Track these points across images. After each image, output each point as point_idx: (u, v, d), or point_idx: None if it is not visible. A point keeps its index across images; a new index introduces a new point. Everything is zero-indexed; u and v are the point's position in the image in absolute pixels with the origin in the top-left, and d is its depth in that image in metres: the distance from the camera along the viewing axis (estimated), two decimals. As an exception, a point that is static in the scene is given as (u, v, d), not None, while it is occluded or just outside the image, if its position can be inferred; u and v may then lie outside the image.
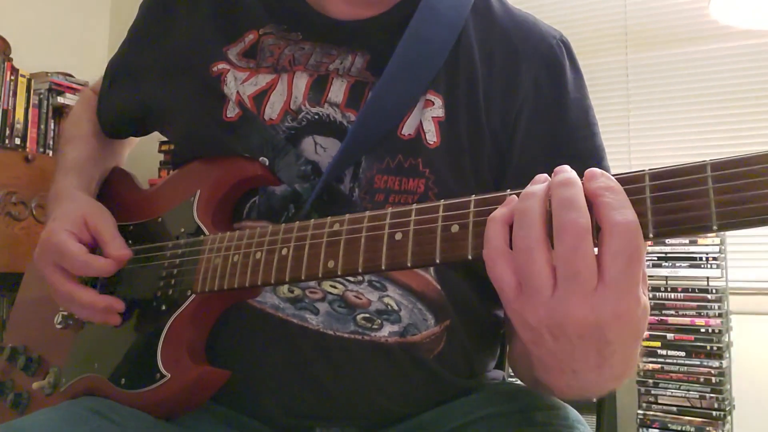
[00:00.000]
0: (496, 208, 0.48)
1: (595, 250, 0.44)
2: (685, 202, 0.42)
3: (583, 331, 0.44)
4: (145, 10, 0.87)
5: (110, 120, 0.91)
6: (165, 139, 2.07)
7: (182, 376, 0.65)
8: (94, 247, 0.75)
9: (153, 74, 0.83)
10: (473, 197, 0.51)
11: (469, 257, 0.49)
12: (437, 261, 0.51)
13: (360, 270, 0.55)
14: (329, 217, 0.58)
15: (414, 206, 0.53)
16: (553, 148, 0.74)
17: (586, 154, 0.74)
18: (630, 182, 0.44)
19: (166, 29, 0.83)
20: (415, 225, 0.52)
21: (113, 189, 0.89)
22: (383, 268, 0.53)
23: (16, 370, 0.84)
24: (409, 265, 0.52)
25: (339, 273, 0.56)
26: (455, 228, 0.50)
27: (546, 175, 0.47)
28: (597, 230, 0.43)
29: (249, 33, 0.78)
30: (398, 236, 0.53)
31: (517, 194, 0.48)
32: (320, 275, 0.57)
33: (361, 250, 0.55)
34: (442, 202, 0.52)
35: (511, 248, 0.45)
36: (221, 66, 0.76)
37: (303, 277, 0.59)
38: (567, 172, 0.46)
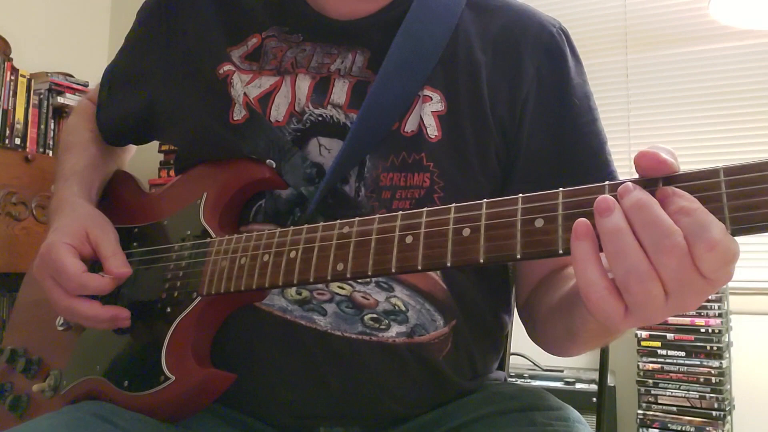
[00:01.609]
0: (506, 211, 0.48)
1: None
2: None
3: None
4: (146, 16, 0.87)
5: (111, 127, 0.91)
6: (165, 139, 2.07)
7: (187, 378, 0.65)
8: (95, 260, 0.74)
9: (156, 78, 0.83)
10: (485, 200, 0.50)
11: (481, 261, 0.49)
12: (448, 264, 0.50)
13: (370, 273, 0.54)
14: (338, 220, 0.58)
15: (425, 209, 0.53)
16: (559, 135, 0.74)
17: (590, 138, 0.75)
18: (644, 187, 0.44)
19: (169, 33, 0.83)
20: (426, 228, 0.52)
21: (117, 192, 0.89)
22: (393, 270, 0.53)
23: (16, 372, 0.84)
24: (419, 268, 0.52)
25: (348, 276, 0.56)
26: (467, 231, 0.50)
27: (607, 197, 0.45)
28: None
29: (252, 36, 0.78)
30: (409, 239, 0.53)
31: (528, 198, 0.48)
32: (329, 278, 0.57)
33: (371, 253, 0.54)
34: (453, 205, 0.52)
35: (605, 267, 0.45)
36: (227, 68, 0.77)
37: (312, 280, 0.58)
38: (633, 192, 0.44)
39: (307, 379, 0.68)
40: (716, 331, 2.01)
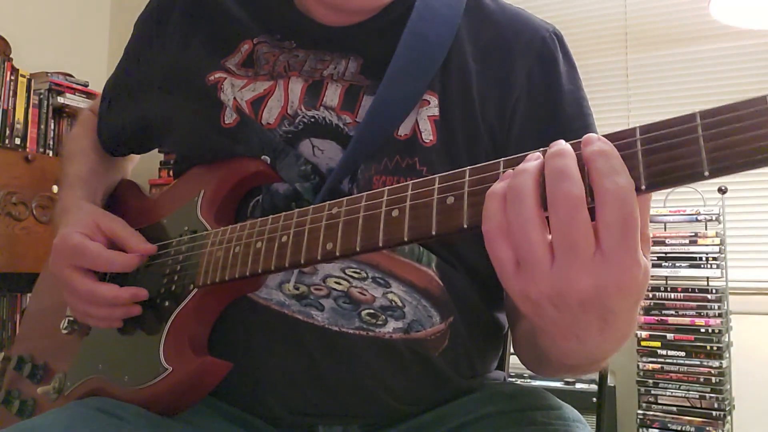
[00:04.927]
0: (489, 176, 0.49)
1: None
2: (676, 151, 0.42)
3: (584, 299, 0.44)
4: (140, 29, 0.89)
5: (111, 138, 0.93)
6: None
7: (184, 367, 0.65)
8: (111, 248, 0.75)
9: (151, 89, 0.85)
10: (467, 168, 0.51)
11: (465, 226, 0.49)
12: (433, 233, 0.50)
13: (358, 249, 0.55)
14: (327, 202, 0.59)
15: (410, 182, 0.53)
16: (549, 141, 0.74)
17: None
18: (621, 138, 0.44)
19: (161, 45, 0.84)
20: (411, 200, 0.52)
21: (120, 198, 0.91)
22: (381, 244, 0.53)
23: (23, 378, 0.85)
24: (405, 239, 0.52)
25: (337, 254, 0.56)
26: (450, 200, 0.50)
27: (539, 152, 0.46)
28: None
29: (244, 43, 0.79)
30: (395, 213, 0.53)
31: (510, 161, 0.48)
32: (319, 258, 0.57)
33: (358, 230, 0.55)
34: (437, 175, 0.52)
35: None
36: (218, 75, 0.77)
37: (302, 261, 0.59)
38: (561, 143, 0.45)
39: (304, 373, 0.68)
40: (716, 331, 2.01)
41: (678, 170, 0.42)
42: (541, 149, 0.47)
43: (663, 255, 2.10)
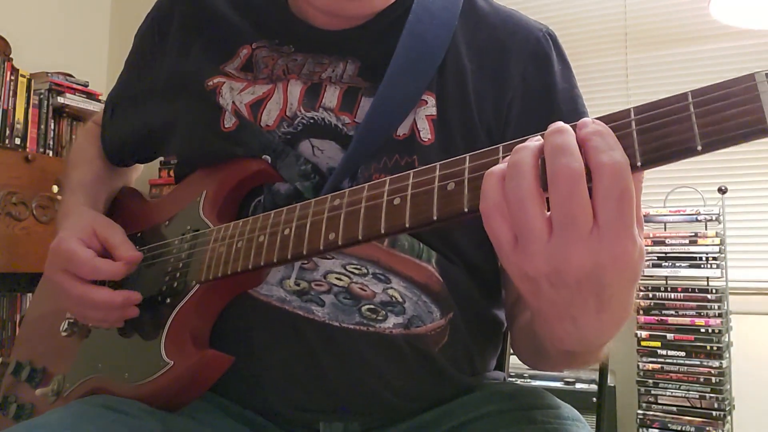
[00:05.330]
0: (489, 161, 0.49)
1: None
2: (670, 128, 0.43)
3: (581, 276, 0.44)
4: (140, 39, 0.90)
5: (115, 147, 0.94)
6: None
7: (185, 361, 0.65)
8: (104, 256, 0.76)
9: (153, 98, 0.86)
10: (467, 155, 0.51)
11: (465, 210, 0.49)
12: (435, 218, 0.51)
13: (360, 237, 0.55)
14: (330, 194, 0.59)
15: (411, 171, 0.54)
16: None
17: None
18: (616, 120, 0.46)
19: (161, 54, 0.85)
20: (413, 189, 0.53)
21: (122, 204, 0.92)
22: (383, 232, 0.54)
23: (22, 383, 0.85)
24: (407, 226, 0.52)
25: (340, 243, 0.56)
26: (451, 185, 0.51)
27: (539, 134, 0.47)
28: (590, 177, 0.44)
29: (243, 48, 0.80)
30: (397, 201, 0.53)
31: (508, 147, 0.49)
32: (322, 248, 0.57)
33: (360, 219, 0.55)
34: (438, 163, 0.52)
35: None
36: (217, 80, 0.78)
37: (305, 252, 0.59)
38: (560, 123, 0.46)
39: (305, 369, 0.68)
40: (716, 331, 2.01)
41: (672, 146, 0.43)
42: (541, 133, 0.47)
43: (663, 255, 2.11)
